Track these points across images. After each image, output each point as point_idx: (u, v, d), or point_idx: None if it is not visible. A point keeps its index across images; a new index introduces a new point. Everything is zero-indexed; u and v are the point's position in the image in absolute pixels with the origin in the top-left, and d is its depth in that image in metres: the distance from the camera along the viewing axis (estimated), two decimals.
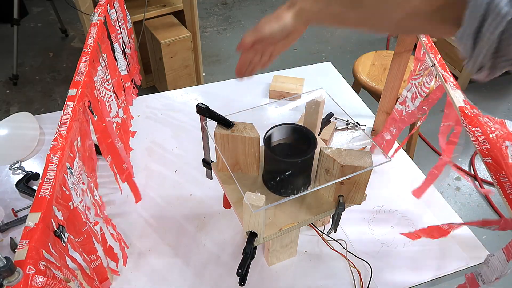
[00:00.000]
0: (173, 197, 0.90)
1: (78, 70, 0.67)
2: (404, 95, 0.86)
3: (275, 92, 1.18)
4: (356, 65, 1.59)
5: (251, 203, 0.53)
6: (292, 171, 0.62)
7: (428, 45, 0.77)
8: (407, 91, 0.85)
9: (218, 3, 3.21)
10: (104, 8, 0.87)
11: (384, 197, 0.91)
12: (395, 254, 0.80)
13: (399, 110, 0.89)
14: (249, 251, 0.59)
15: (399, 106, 0.88)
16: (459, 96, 0.64)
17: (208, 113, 0.64)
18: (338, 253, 0.78)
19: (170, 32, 1.91)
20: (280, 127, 0.65)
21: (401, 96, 0.87)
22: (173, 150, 1.02)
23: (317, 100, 0.71)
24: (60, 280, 0.44)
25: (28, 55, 2.59)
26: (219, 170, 0.72)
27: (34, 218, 0.45)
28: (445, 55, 2.36)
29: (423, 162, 1.92)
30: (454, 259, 0.79)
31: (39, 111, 2.19)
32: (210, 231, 0.83)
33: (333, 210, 0.66)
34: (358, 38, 2.84)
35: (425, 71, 0.78)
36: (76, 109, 0.61)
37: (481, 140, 0.54)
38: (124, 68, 0.99)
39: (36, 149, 1.01)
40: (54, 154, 0.52)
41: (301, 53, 2.70)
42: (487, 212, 1.71)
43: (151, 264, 0.77)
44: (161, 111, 1.14)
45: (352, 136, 1.06)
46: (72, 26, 2.87)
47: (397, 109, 0.90)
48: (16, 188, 0.89)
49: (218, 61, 2.61)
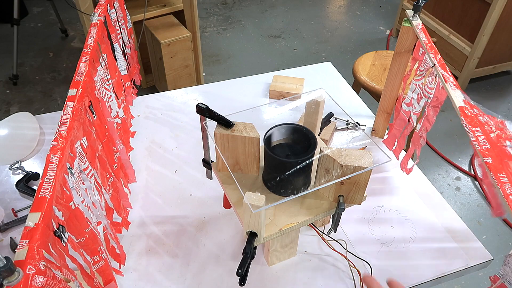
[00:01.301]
0: (173, 197, 0.90)
1: (78, 70, 0.67)
2: (410, 96, 0.86)
3: (275, 92, 1.18)
4: (356, 65, 1.59)
5: (251, 203, 0.53)
6: (292, 171, 0.62)
7: (428, 45, 0.77)
8: (412, 92, 0.85)
9: (218, 3, 3.21)
10: (104, 8, 0.87)
11: (384, 197, 0.91)
12: (395, 254, 0.80)
13: (407, 111, 0.89)
14: (249, 251, 0.59)
15: (406, 107, 0.88)
16: (459, 96, 0.64)
17: (208, 113, 0.64)
18: (338, 253, 0.78)
19: (170, 32, 1.91)
20: (280, 127, 0.65)
21: (407, 97, 0.87)
22: (173, 150, 1.02)
23: (317, 100, 0.71)
24: (60, 280, 0.44)
25: (28, 55, 2.59)
26: (219, 170, 0.72)
27: (34, 218, 0.45)
28: (445, 55, 2.36)
29: (424, 162, 1.92)
30: (454, 259, 0.79)
31: (39, 111, 2.19)
32: (210, 231, 0.83)
33: (333, 210, 0.66)
34: (358, 38, 2.85)
35: (426, 71, 0.78)
36: (77, 109, 0.61)
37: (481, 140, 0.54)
38: (124, 68, 0.99)
39: (36, 149, 1.01)
40: (54, 154, 0.52)
41: (301, 53, 2.70)
42: (487, 212, 1.71)
43: (150, 264, 0.77)
44: (161, 111, 1.14)
45: (352, 136, 1.06)
46: (72, 26, 2.87)
47: (404, 110, 0.90)
48: (16, 188, 0.89)
49: (218, 61, 2.61)
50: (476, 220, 1.67)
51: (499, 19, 2.05)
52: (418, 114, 0.85)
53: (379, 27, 2.97)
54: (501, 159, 0.51)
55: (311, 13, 3.12)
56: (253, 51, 2.70)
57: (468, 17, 2.20)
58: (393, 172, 0.97)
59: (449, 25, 2.34)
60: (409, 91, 0.86)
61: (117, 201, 0.77)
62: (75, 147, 0.59)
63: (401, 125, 0.91)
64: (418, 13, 0.83)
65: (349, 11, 3.18)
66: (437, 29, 2.40)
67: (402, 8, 2.69)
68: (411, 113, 0.87)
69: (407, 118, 0.89)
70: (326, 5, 3.25)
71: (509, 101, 2.31)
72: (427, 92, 0.79)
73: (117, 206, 0.77)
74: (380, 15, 3.10)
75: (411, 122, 0.87)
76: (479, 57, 2.21)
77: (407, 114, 0.88)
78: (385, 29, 2.93)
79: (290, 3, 3.23)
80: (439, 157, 1.96)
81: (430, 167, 1.91)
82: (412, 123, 0.87)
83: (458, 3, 2.23)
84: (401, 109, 0.91)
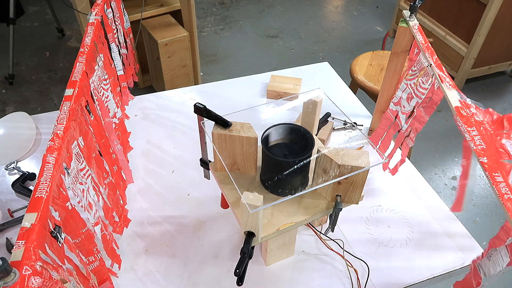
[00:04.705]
0: (170, 197, 0.90)
1: (75, 70, 0.67)
2: (399, 95, 0.86)
3: (272, 92, 1.18)
4: (353, 65, 1.60)
5: (248, 203, 0.53)
6: (290, 171, 0.62)
7: (425, 46, 0.77)
8: (401, 92, 0.86)
9: (216, 3, 3.21)
10: (101, 8, 0.86)
11: (381, 197, 0.91)
12: (392, 253, 0.80)
13: (394, 111, 0.89)
14: (247, 251, 0.59)
15: (393, 106, 0.89)
16: (455, 96, 0.64)
17: (205, 113, 0.63)
18: (336, 253, 0.78)
19: (168, 32, 1.90)
20: (278, 127, 0.65)
21: (396, 97, 0.88)
22: (170, 150, 1.02)
23: (314, 100, 0.71)
24: (56, 281, 0.44)
25: (24, 55, 2.57)
26: (216, 170, 0.72)
27: (30, 218, 0.45)
28: (441, 56, 2.37)
29: (420, 162, 1.93)
30: (451, 259, 0.79)
31: (35, 111, 2.18)
32: (208, 231, 0.83)
33: (330, 209, 0.66)
34: (355, 38, 2.85)
35: (420, 72, 0.78)
36: (74, 109, 0.60)
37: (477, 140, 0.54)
38: (120, 68, 0.99)
39: (32, 149, 1.00)
40: (50, 154, 0.52)
41: (298, 53, 2.70)
42: (482, 212, 1.72)
43: (148, 264, 0.77)
44: (159, 111, 1.14)
45: (349, 136, 1.06)
46: (69, 25, 2.85)
47: (391, 109, 0.90)
48: (12, 188, 0.89)
49: (215, 61, 2.61)
50: (472, 220, 1.68)
51: (495, 20, 2.06)
52: (407, 113, 0.85)
53: (376, 27, 2.98)
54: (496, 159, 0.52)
55: (309, 13, 3.12)
56: (251, 51, 2.70)
57: (464, 17, 2.21)
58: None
59: (445, 26, 2.36)
60: (398, 91, 0.86)
61: (114, 201, 0.77)
62: (72, 147, 0.59)
63: (386, 124, 0.91)
64: (415, 13, 0.83)
65: (347, 11, 3.19)
66: (434, 30, 2.41)
67: (399, 9, 2.70)
68: (399, 112, 0.87)
69: (393, 117, 0.88)
70: (323, 5, 3.25)
71: (504, 101, 2.32)
72: (419, 92, 0.79)
73: (114, 206, 0.77)
74: (377, 15, 3.11)
75: (397, 122, 0.87)
76: (475, 57, 2.22)
77: (394, 114, 0.88)
78: (382, 29, 2.94)
79: (287, 3, 3.23)
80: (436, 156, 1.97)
81: (426, 167, 1.92)
82: (399, 123, 0.87)
83: (454, 4, 2.24)
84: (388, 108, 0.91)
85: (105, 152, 0.76)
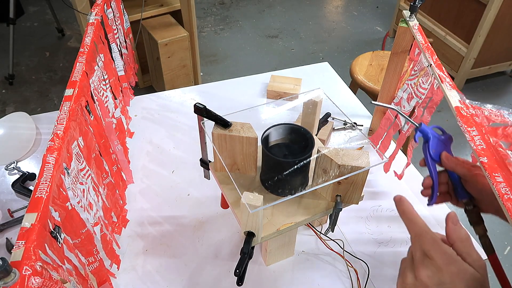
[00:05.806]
0: (170, 197, 0.90)
1: (75, 70, 0.67)
2: (400, 95, 0.86)
3: (272, 92, 1.18)
4: (354, 65, 1.60)
5: (248, 203, 0.53)
6: (290, 171, 0.62)
7: (425, 46, 0.77)
8: (402, 92, 0.86)
9: (216, 3, 3.21)
10: (101, 8, 0.86)
11: (381, 197, 0.91)
12: (392, 253, 0.80)
13: (394, 111, 0.89)
14: (247, 251, 0.59)
15: (393, 106, 0.89)
16: (455, 96, 0.64)
17: (205, 113, 0.63)
18: (336, 253, 0.78)
19: (168, 32, 1.91)
20: (278, 127, 0.65)
21: (397, 97, 0.87)
22: (170, 150, 1.02)
23: (314, 100, 0.71)
24: (56, 281, 0.44)
25: (24, 55, 2.57)
26: (216, 170, 0.72)
27: (30, 218, 0.45)
28: (441, 56, 2.37)
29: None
30: None
31: (35, 111, 2.18)
32: (208, 231, 0.83)
33: (330, 210, 0.66)
34: (355, 38, 2.85)
35: (420, 72, 0.79)
36: (74, 109, 0.60)
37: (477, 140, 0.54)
38: (121, 68, 0.99)
39: (32, 149, 1.00)
40: (50, 154, 0.52)
41: (298, 53, 2.70)
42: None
43: (148, 264, 0.77)
44: (158, 111, 1.14)
45: (349, 136, 1.06)
46: (69, 25, 2.85)
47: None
48: (12, 188, 0.89)
49: (215, 61, 2.61)
50: None
51: (495, 20, 2.06)
52: (408, 114, 0.85)
53: (376, 27, 2.98)
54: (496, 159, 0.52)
55: (309, 13, 3.12)
56: (251, 51, 2.70)
57: (464, 18, 2.21)
58: (390, 172, 0.97)
59: (445, 26, 2.36)
60: (399, 91, 0.86)
61: (113, 201, 0.77)
62: (72, 147, 0.59)
63: (386, 124, 0.91)
64: (415, 13, 0.83)
65: (347, 11, 3.19)
66: (434, 30, 2.41)
67: (399, 9, 2.70)
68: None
69: (393, 117, 0.89)
70: (323, 6, 3.25)
71: (504, 101, 2.32)
72: (419, 92, 0.79)
73: (113, 207, 0.77)
74: (377, 16, 3.11)
75: (397, 122, 0.87)
76: (475, 57, 2.22)
77: (394, 114, 0.88)
78: (382, 29, 2.94)
79: (287, 3, 3.23)
80: None
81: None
82: (399, 123, 0.87)
83: (454, 4, 2.24)
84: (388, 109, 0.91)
85: (105, 152, 0.76)
